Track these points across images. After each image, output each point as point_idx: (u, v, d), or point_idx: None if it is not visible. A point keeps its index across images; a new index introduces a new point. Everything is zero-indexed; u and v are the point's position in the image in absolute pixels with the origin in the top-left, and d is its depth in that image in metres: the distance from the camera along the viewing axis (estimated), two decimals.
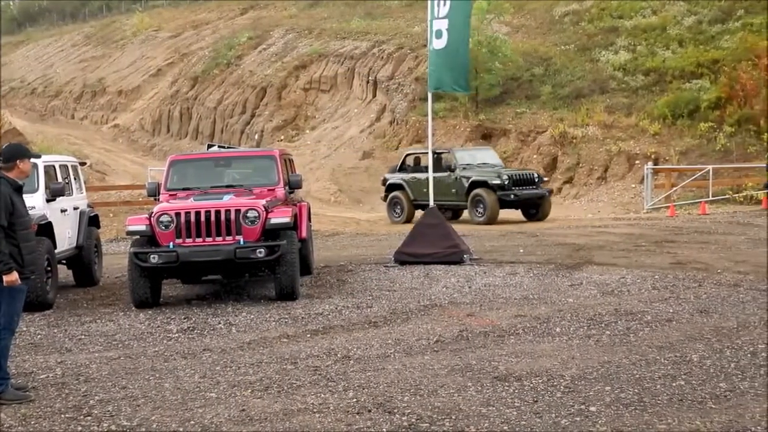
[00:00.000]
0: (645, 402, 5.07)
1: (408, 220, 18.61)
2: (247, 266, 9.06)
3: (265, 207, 9.04)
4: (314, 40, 34.47)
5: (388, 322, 7.76)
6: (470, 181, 17.78)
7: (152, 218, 8.92)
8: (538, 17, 31.19)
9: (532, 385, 5.52)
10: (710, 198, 19.76)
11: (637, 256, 11.64)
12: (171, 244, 8.82)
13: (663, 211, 19.41)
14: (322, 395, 5.46)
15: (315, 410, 5.15)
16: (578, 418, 4.82)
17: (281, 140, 29.86)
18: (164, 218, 8.89)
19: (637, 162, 22.11)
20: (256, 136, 31.15)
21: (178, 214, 8.90)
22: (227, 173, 10.43)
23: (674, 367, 5.81)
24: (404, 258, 11.46)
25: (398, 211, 19.23)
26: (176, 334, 7.61)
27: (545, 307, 8.18)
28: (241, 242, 8.83)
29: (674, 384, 5.42)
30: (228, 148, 13.66)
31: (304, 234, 10.31)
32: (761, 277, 9.38)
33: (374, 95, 30.21)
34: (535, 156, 23.94)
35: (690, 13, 27.48)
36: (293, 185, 10.28)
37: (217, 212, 8.91)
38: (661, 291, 8.79)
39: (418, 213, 18.61)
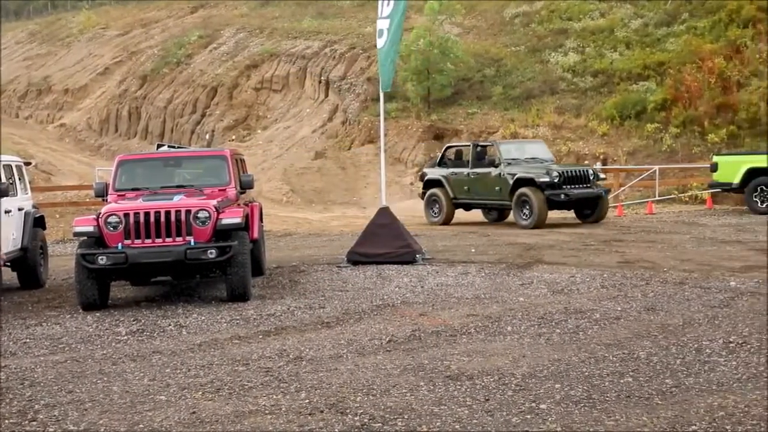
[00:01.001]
0: (594, 399, 5.14)
1: (446, 221, 17.32)
2: (197, 267, 8.96)
3: (216, 207, 8.96)
4: (265, 39, 34.26)
5: (341, 323, 7.75)
6: (515, 178, 15.82)
7: (100, 219, 8.78)
8: (488, 18, 31.45)
9: (483, 383, 5.56)
10: (657, 198, 20.14)
11: (586, 255, 11.81)
12: (120, 245, 8.69)
13: (611, 211, 19.71)
14: (274, 396, 5.43)
15: (267, 412, 5.11)
16: (529, 416, 4.87)
17: (232, 140, 29.62)
18: (112, 219, 8.75)
19: (586, 162, 22.40)
20: (207, 136, 30.85)
21: (126, 215, 8.78)
22: (177, 173, 10.31)
23: (622, 364, 5.91)
24: (357, 258, 11.46)
25: (436, 210, 17.62)
26: (125, 337, 7.49)
27: (497, 306, 8.25)
28: (192, 243, 8.74)
29: (622, 381, 5.51)
30: (178, 147, 13.50)
31: (255, 234, 10.25)
32: (705, 275, 9.59)
33: (326, 95, 30.14)
34: None
35: (637, 15, 27.97)
36: (245, 185, 10.21)
37: (167, 213, 8.81)
38: (609, 289, 8.92)
39: (459, 213, 17.83)
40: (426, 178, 17.99)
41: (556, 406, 5.03)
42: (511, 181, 15.90)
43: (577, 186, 15.75)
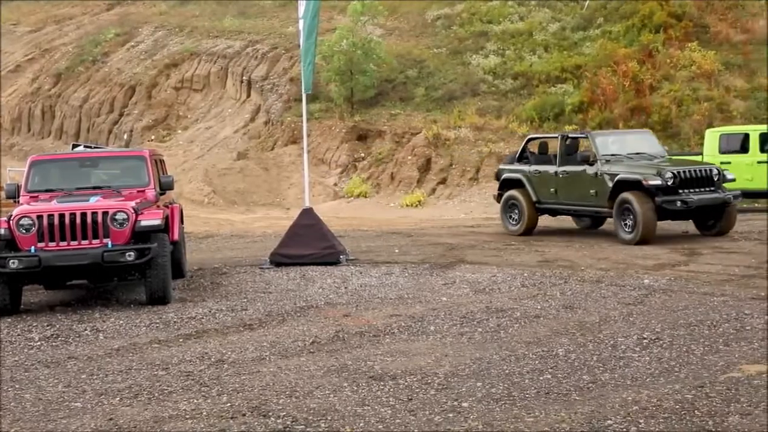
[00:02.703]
0: (514, 396, 5.23)
1: (528, 231, 14.22)
2: (115, 270, 8.76)
3: (134, 209, 8.77)
4: (185, 38, 33.69)
5: (264, 325, 7.69)
6: (616, 179, 12.64)
7: (11, 221, 8.50)
8: (411, 20, 31.63)
9: (406, 383, 5.59)
10: None
11: (507, 254, 12.00)
12: (32, 248, 8.43)
13: None
14: (195, 401, 5.35)
15: (187, 416, 5.03)
16: (451, 415, 4.92)
17: (152, 140, 29.02)
18: (24, 221, 8.49)
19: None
20: (125, 136, 30.16)
21: (39, 217, 8.52)
22: (94, 174, 10.06)
23: (541, 362, 6.02)
24: (280, 259, 11.38)
25: (515, 216, 14.44)
26: (38, 342, 7.26)
27: (420, 306, 8.31)
28: (109, 245, 8.53)
29: (541, 378, 5.62)
30: (95, 148, 13.17)
31: (176, 236, 10.07)
32: (621, 274, 9.86)
33: (248, 95, 29.83)
34: (409, 157, 24.27)
35: (554, 19, 28.53)
36: (164, 187, 10.03)
37: (83, 214, 8.59)
38: (529, 288, 9.09)
39: (545, 220, 14.90)
40: (503, 177, 14.95)
41: (477, 404, 5.09)
42: (610, 183, 12.70)
43: (697, 190, 12.45)
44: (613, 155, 13.18)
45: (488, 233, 15.03)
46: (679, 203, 12.22)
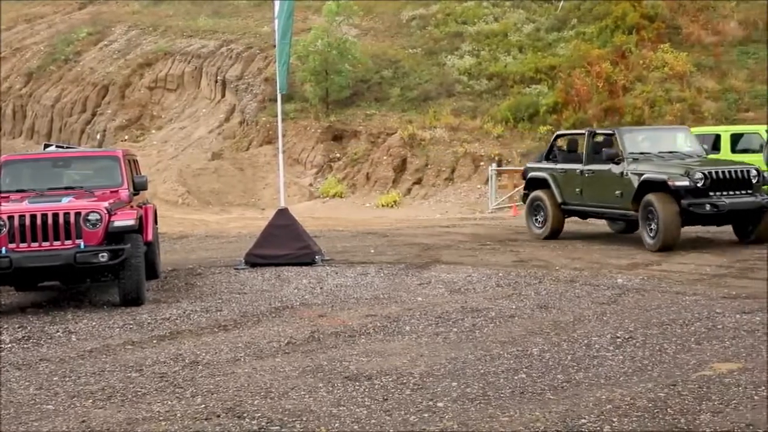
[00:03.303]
0: (489, 396, 5.25)
1: (553, 234, 13.37)
2: (88, 271, 8.68)
3: (107, 209, 8.70)
4: (159, 37, 33.45)
5: (239, 326, 7.65)
6: (640, 180, 11.73)
7: None
8: (386, 20, 31.65)
9: (382, 383, 5.59)
10: None
11: (482, 254, 12.04)
12: (3, 249, 8.34)
13: (507, 211, 20.19)
14: (169, 402, 5.31)
15: (161, 418, 4.99)
16: (426, 414, 4.92)
17: (125, 140, 28.78)
18: None
19: (481, 163, 22.87)
20: (98, 136, 29.88)
21: (11, 218, 8.43)
22: (66, 174, 9.97)
23: (516, 361, 6.05)
24: (255, 260, 11.34)
25: (540, 219, 13.63)
26: (9, 345, 7.17)
27: (395, 306, 8.31)
28: (82, 246, 8.46)
29: (516, 377, 5.64)
30: (67, 148, 13.04)
31: (150, 237, 9.99)
32: (594, 273, 9.93)
33: (223, 95, 29.69)
34: (385, 157, 24.29)
35: (529, 20, 28.69)
36: (138, 187, 9.96)
37: (55, 215, 8.50)
38: (504, 288, 9.13)
39: (572, 222, 14.00)
40: (528, 176, 14.11)
41: (452, 404, 5.10)
42: (636, 184, 11.78)
43: (730, 193, 11.46)
44: (641, 153, 12.28)
45: (464, 233, 15.07)
46: (708, 207, 11.22)
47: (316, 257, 11.40)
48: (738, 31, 25.94)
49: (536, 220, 13.73)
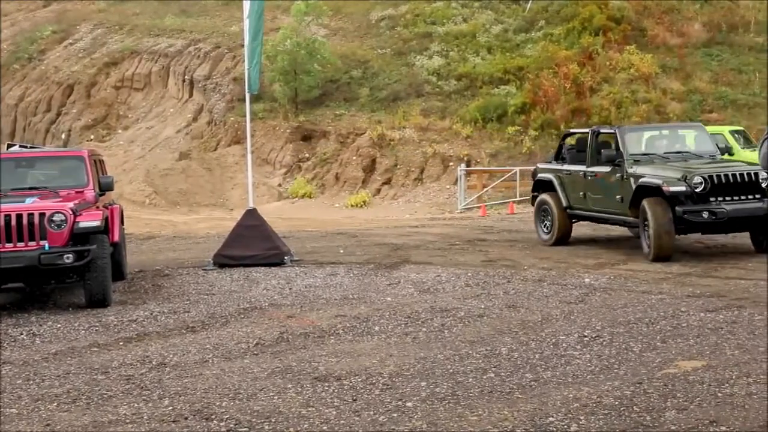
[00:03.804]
0: (458, 395, 5.27)
1: (560, 241, 12.43)
2: (53, 273, 8.57)
3: (72, 210, 8.59)
4: (125, 36, 33.11)
5: (207, 327, 7.60)
6: (636, 184, 10.86)
7: None
8: (355, 21, 31.64)
9: (351, 384, 5.58)
10: (518, 198, 20.85)
11: (451, 254, 12.08)
12: None
13: (475, 211, 20.28)
14: (136, 405, 5.26)
15: (128, 421, 4.94)
16: (395, 414, 4.93)
17: (91, 140, 28.46)
18: None
19: (451, 164, 22.95)
20: (63, 136, 29.51)
21: None
22: (30, 174, 9.84)
23: (485, 361, 6.08)
24: (223, 261, 11.26)
25: (547, 224, 12.69)
26: None
27: (365, 306, 8.31)
28: (47, 248, 8.34)
29: (485, 377, 5.67)
30: (31, 147, 12.86)
31: (116, 237, 9.89)
32: (562, 272, 10.01)
33: (191, 95, 29.48)
34: (354, 158, 24.29)
35: (497, 21, 28.85)
36: (104, 187, 9.85)
37: (19, 216, 8.38)
38: (473, 288, 9.16)
39: (581, 228, 13.09)
40: (536, 177, 13.23)
41: (421, 404, 5.11)
42: (633, 188, 10.92)
43: (733, 198, 10.46)
44: (644, 155, 11.40)
45: (433, 233, 15.11)
46: (705, 214, 10.26)
47: (285, 258, 11.35)
48: (702, 33, 26.33)
49: (544, 225, 12.79)
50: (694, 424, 4.60)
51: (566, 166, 12.56)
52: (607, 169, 11.50)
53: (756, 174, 10.50)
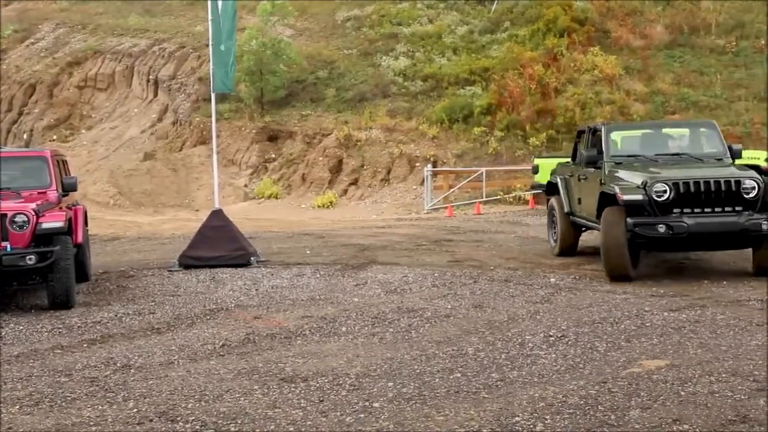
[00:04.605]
0: (425, 395, 5.28)
1: (564, 251, 11.27)
2: (15, 274, 8.44)
3: (35, 211, 8.48)
4: (89, 35, 32.71)
5: (172, 328, 7.54)
6: (600, 190, 9.71)
7: None
8: (321, 21, 31.59)
9: (318, 384, 5.58)
10: (484, 198, 20.97)
11: (418, 255, 12.11)
12: None
13: (442, 212, 20.35)
14: (100, 407, 5.20)
15: (92, 423, 4.89)
16: (362, 415, 4.93)
17: (54, 140, 28.08)
18: None
19: (417, 164, 23.01)
20: (25, 136, 29.08)
21: None
22: None
23: (452, 361, 6.10)
24: (189, 262, 11.18)
25: (555, 230, 11.54)
26: None
27: (332, 307, 8.30)
28: (8, 249, 8.22)
29: (451, 377, 5.69)
30: None
31: (80, 239, 9.77)
32: (528, 273, 10.08)
33: (155, 95, 29.22)
34: (321, 158, 24.24)
35: (462, 23, 28.98)
36: (67, 188, 9.72)
37: None
38: (440, 288, 9.19)
39: (591, 238, 11.64)
40: (549, 179, 12.07)
41: (388, 404, 5.12)
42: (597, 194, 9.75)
43: (704, 211, 8.89)
44: (628, 156, 10.09)
45: (400, 234, 15.14)
46: (662, 228, 8.76)
47: (252, 258, 11.30)
48: (664, 35, 26.69)
49: (554, 232, 11.62)
50: (658, 423, 4.66)
51: (572, 167, 11.30)
52: (591, 170, 10.32)
53: (737, 182, 8.91)
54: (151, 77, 29.36)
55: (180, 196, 24.21)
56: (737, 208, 8.91)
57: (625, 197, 9.02)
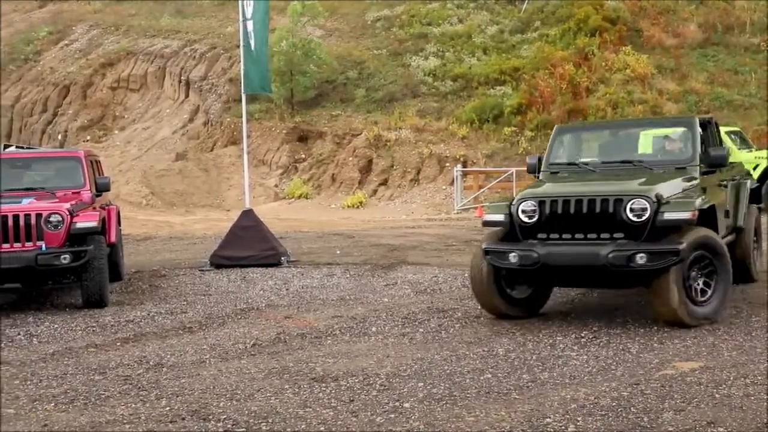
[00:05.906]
0: (455, 396, 5.27)
1: None
2: (50, 273, 8.57)
3: (69, 211, 8.59)
4: (122, 37, 33.09)
5: (204, 327, 7.60)
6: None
7: None
8: (350, 21, 31.65)
9: (348, 384, 5.58)
10: None
11: (448, 255, 12.08)
12: None
13: (472, 212, 20.28)
14: (133, 405, 5.25)
15: (125, 421, 4.94)
16: (393, 415, 4.93)
17: (87, 141, 28.44)
18: None
19: (447, 164, 22.96)
20: (59, 137, 29.47)
21: None
22: (27, 175, 9.83)
23: (482, 361, 6.08)
24: (220, 261, 11.26)
25: None
26: None
27: (362, 307, 8.31)
28: (44, 248, 8.33)
29: (482, 377, 5.67)
30: (27, 148, 12.81)
31: (113, 238, 9.89)
32: None
33: (187, 95, 29.46)
34: (350, 158, 24.28)
35: (493, 22, 28.87)
36: (101, 188, 9.85)
37: (15, 217, 8.38)
38: (470, 288, 9.15)
39: None
40: None
41: (419, 405, 5.11)
42: None
43: (570, 238, 7.08)
44: (568, 164, 8.31)
45: (429, 234, 15.12)
46: (514, 257, 7.05)
47: (282, 258, 11.35)
48: (697, 34, 26.36)
49: None
50: (692, 425, 4.60)
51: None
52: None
53: (618, 201, 6.84)
54: (182, 78, 29.62)
55: (211, 196, 24.40)
56: (616, 235, 6.86)
57: (487, 217, 7.54)
